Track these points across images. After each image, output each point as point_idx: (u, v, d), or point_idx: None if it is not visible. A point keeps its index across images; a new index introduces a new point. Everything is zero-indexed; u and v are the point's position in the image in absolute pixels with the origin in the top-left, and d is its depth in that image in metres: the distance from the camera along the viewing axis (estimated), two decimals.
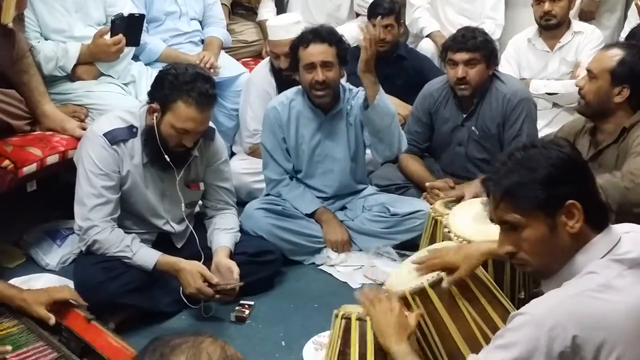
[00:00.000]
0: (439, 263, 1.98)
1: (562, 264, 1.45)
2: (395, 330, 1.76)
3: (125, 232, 2.45)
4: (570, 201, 1.41)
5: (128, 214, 2.51)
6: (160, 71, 2.45)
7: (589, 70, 2.43)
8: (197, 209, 2.75)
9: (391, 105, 2.85)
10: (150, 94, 2.42)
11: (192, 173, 2.60)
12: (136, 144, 2.45)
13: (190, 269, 2.39)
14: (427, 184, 3.03)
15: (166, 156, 2.41)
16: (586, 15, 4.31)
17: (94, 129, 2.48)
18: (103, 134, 2.41)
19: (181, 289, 2.43)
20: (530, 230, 1.44)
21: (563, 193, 1.42)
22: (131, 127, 2.45)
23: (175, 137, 2.37)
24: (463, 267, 1.93)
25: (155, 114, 2.38)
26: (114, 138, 2.41)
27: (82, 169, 2.43)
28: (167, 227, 2.59)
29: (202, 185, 2.65)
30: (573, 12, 4.14)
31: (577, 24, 3.82)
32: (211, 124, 2.63)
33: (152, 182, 2.52)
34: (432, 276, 1.94)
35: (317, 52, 2.79)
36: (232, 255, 2.56)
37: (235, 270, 2.46)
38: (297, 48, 2.85)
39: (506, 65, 3.85)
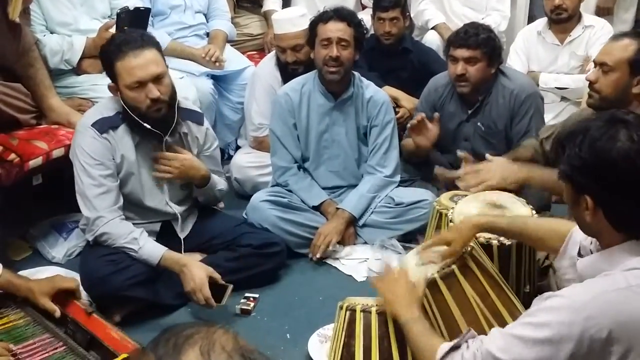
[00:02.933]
0: (437, 240, 1.97)
1: (591, 233, 1.48)
2: (404, 297, 1.74)
3: None
4: (585, 196, 1.39)
5: (129, 204, 2.52)
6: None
7: (602, 64, 2.35)
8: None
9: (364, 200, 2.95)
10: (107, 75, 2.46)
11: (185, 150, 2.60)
12: (125, 128, 2.46)
13: (197, 266, 2.40)
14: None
15: (145, 124, 2.41)
16: (602, 12, 4.26)
17: (83, 121, 2.49)
18: (91, 125, 2.43)
19: None
20: (565, 189, 1.46)
21: (585, 185, 1.39)
22: (118, 114, 2.46)
23: (138, 97, 2.37)
24: (456, 241, 1.90)
25: (118, 92, 2.40)
26: (102, 127, 2.43)
27: (77, 162, 2.44)
28: (167, 209, 2.59)
29: None
30: (591, 9, 4.12)
31: (588, 18, 3.78)
32: (199, 109, 2.68)
33: (146, 163, 2.52)
34: (442, 267, 1.93)
35: (335, 28, 2.85)
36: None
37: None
38: (316, 24, 2.90)
39: (515, 58, 3.83)
